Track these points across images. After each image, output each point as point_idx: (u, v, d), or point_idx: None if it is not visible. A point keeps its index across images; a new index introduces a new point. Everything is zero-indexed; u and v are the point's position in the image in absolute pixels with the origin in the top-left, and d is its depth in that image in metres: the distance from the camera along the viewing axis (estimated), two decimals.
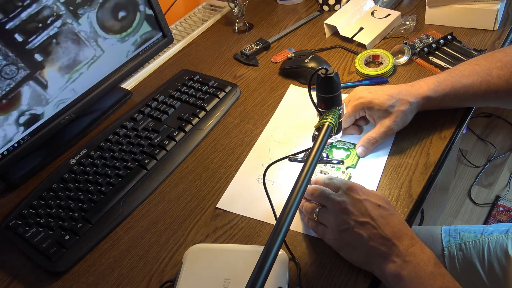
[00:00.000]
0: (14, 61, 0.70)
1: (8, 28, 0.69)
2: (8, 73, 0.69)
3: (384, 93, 0.70)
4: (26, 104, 0.74)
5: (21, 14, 0.70)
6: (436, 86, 0.70)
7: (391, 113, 0.69)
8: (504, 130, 1.90)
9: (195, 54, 1.04)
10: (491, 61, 0.70)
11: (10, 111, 0.72)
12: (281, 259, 0.59)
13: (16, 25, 0.69)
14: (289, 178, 0.71)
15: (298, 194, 0.48)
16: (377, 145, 0.72)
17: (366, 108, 0.71)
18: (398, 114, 0.69)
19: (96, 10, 0.79)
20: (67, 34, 0.76)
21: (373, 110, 0.70)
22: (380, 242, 0.54)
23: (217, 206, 0.70)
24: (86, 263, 0.66)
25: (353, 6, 1.01)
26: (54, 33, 0.74)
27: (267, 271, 0.42)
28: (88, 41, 0.79)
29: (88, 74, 0.82)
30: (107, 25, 0.82)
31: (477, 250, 0.80)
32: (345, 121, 0.73)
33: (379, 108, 0.69)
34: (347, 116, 0.73)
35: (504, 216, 1.63)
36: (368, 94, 0.71)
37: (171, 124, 0.83)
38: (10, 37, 0.69)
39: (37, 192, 0.74)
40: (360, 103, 0.71)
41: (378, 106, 0.69)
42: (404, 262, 0.53)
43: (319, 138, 0.56)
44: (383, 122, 0.70)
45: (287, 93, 0.87)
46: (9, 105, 0.72)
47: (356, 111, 0.72)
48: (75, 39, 0.77)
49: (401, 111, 0.69)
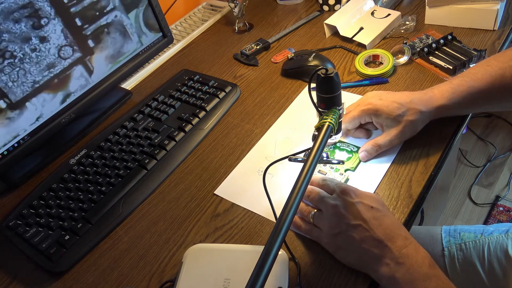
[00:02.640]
0: (71, 43, 0.75)
1: (72, 11, 0.76)
2: (65, 54, 0.75)
3: (394, 101, 0.68)
4: (72, 86, 0.79)
5: (84, 0, 0.77)
6: (451, 94, 0.67)
7: (400, 122, 0.67)
8: (504, 130, 1.90)
9: (195, 54, 1.04)
10: (503, 60, 0.67)
11: (58, 91, 0.77)
12: (281, 259, 0.58)
13: (78, 10, 0.76)
14: (289, 177, 0.71)
15: (298, 194, 0.48)
16: (382, 152, 0.70)
17: (373, 115, 0.69)
18: (407, 124, 0.67)
19: (143, 8, 0.85)
20: (117, 25, 0.82)
21: (380, 118, 0.69)
22: (373, 244, 0.54)
23: (215, 192, 0.71)
24: (86, 263, 0.66)
25: (353, 6, 1.01)
26: (107, 23, 0.80)
27: (267, 271, 0.42)
28: (133, 35, 0.85)
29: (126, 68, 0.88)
30: (150, 22, 0.88)
31: (477, 250, 0.80)
32: (349, 123, 0.72)
33: (387, 117, 0.68)
34: (351, 118, 0.71)
35: (504, 216, 1.63)
36: (378, 101, 0.69)
37: (171, 124, 0.83)
38: (72, 20, 0.76)
39: (37, 192, 0.74)
40: (367, 109, 0.69)
41: (386, 115, 0.68)
42: (398, 264, 0.52)
43: (319, 138, 0.56)
44: (390, 131, 0.69)
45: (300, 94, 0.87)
46: (59, 85, 0.77)
47: (362, 116, 0.71)
48: (122, 31, 0.83)
49: (410, 121, 0.67)
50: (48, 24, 0.72)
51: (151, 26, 0.89)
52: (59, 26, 0.73)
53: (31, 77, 0.72)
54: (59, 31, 0.74)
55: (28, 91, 0.72)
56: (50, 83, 0.75)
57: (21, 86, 0.71)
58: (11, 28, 0.68)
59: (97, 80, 0.83)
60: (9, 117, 0.71)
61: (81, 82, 0.80)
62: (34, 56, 0.71)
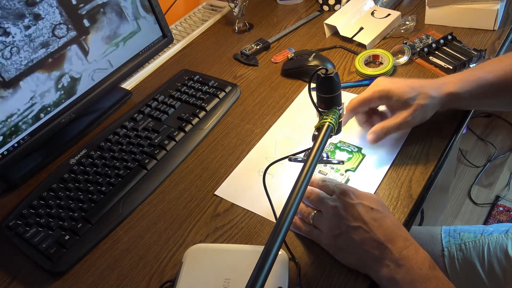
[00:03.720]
0: (66, 22, 0.75)
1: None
2: (59, 33, 0.74)
3: (406, 85, 0.67)
4: (67, 66, 0.78)
5: None
6: (462, 82, 0.67)
7: (410, 105, 0.66)
8: (504, 130, 1.90)
9: (195, 54, 1.04)
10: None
11: (53, 70, 0.76)
12: (281, 259, 0.58)
13: None
14: (289, 177, 0.71)
15: (298, 194, 0.48)
16: (382, 152, 0.70)
17: (385, 97, 0.68)
18: (417, 108, 0.66)
19: None
20: (113, 5, 0.82)
21: (391, 100, 0.68)
22: (373, 246, 0.54)
23: (215, 193, 0.71)
24: (86, 263, 0.66)
25: (353, 6, 1.01)
26: (103, 2, 0.80)
27: (267, 271, 0.42)
28: (129, 16, 0.85)
29: (123, 49, 0.87)
30: (146, 4, 0.87)
31: (477, 250, 0.80)
32: (359, 106, 0.71)
33: (398, 99, 0.67)
34: (361, 99, 0.70)
35: (504, 216, 1.63)
36: (389, 83, 0.68)
37: (171, 124, 0.83)
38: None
39: (37, 192, 0.74)
40: (379, 90, 0.68)
41: (397, 97, 0.67)
42: (398, 266, 0.52)
43: (319, 138, 0.56)
44: (400, 114, 0.68)
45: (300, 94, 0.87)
46: (54, 65, 0.76)
47: (373, 99, 0.69)
48: (118, 12, 0.83)
49: (421, 105, 0.66)
50: (42, 1, 0.71)
51: (147, 9, 0.88)
52: (54, 4, 0.73)
53: (24, 55, 0.71)
54: (54, 9, 0.73)
55: (21, 69, 0.71)
56: (44, 62, 0.74)
57: (14, 64, 0.70)
58: (4, 4, 0.67)
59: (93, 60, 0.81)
60: (2, 96, 0.70)
61: (77, 63, 0.79)
62: (27, 34, 0.70)
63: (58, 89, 0.77)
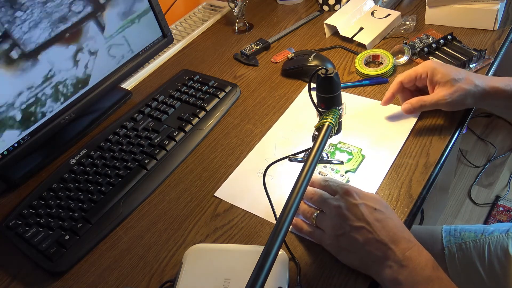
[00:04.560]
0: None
1: None
2: (76, 8, 0.77)
3: (454, 68, 0.69)
4: (84, 41, 0.80)
5: None
6: (508, 81, 0.68)
7: (453, 85, 0.68)
8: (504, 130, 1.90)
9: (195, 54, 1.04)
10: None
11: (70, 44, 0.78)
12: (281, 259, 0.58)
13: None
14: (289, 178, 0.71)
15: (298, 194, 0.48)
16: (382, 152, 0.70)
17: (431, 72, 0.70)
18: (459, 90, 0.67)
19: None
20: None
21: (436, 76, 0.69)
22: (376, 246, 0.54)
23: (215, 194, 0.71)
24: (86, 263, 0.66)
25: (353, 6, 1.01)
26: None
27: (267, 271, 0.42)
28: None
29: (137, 26, 0.89)
30: None
31: (478, 249, 0.80)
32: (405, 77, 0.72)
33: (442, 76, 0.68)
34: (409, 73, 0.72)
35: (504, 216, 1.63)
36: (438, 63, 0.70)
37: (171, 124, 0.83)
38: None
39: (37, 192, 0.74)
40: (427, 65, 0.70)
41: (441, 74, 0.68)
42: (401, 267, 0.52)
43: (319, 138, 0.56)
44: (439, 90, 0.69)
45: (300, 94, 0.87)
46: (71, 39, 0.78)
47: (420, 73, 0.71)
48: None
49: (463, 89, 0.67)
50: None
51: None
52: None
53: (42, 29, 0.73)
54: None
55: (39, 43, 0.73)
56: (62, 36, 0.76)
57: (32, 37, 0.72)
58: None
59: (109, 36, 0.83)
60: (23, 68, 0.72)
61: (93, 38, 0.81)
62: (45, 8, 0.72)
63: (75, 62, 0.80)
